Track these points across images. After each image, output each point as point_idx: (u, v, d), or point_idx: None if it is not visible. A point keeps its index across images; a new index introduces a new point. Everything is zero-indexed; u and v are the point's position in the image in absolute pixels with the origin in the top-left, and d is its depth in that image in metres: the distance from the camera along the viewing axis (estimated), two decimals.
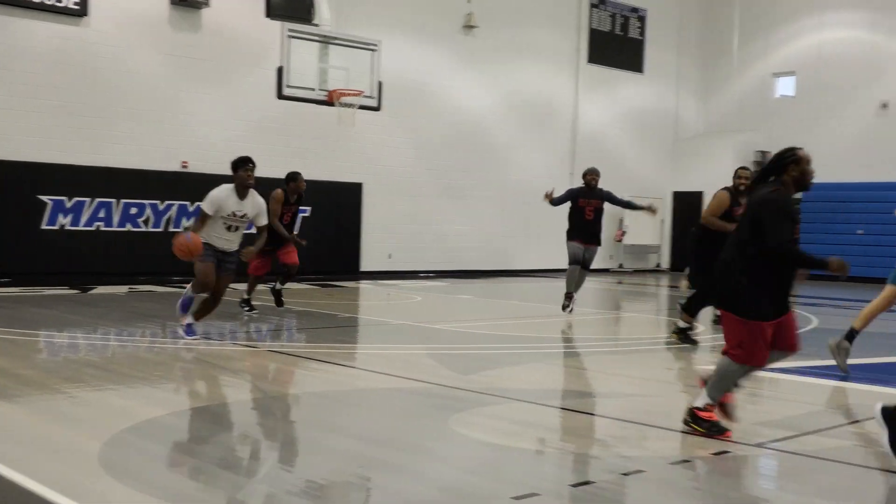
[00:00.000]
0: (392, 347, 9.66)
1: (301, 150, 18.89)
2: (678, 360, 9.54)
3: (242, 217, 9.20)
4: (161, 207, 17.47)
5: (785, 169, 5.71)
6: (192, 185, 17.63)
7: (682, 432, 5.67)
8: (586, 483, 4.60)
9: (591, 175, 13.10)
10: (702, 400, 5.65)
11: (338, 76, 15.74)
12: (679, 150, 27.84)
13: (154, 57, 17.44)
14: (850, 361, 8.66)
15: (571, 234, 13.08)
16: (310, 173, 19.09)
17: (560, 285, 14.06)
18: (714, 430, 5.56)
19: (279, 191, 11.83)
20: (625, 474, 4.78)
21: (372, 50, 15.97)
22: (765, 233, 5.40)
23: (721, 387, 5.62)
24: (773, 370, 8.66)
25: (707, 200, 27.04)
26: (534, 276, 22.64)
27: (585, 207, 12.92)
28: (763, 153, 26.69)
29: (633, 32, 26.59)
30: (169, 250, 9.06)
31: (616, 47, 26.11)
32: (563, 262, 24.35)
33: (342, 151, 19.68)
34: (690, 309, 10.12)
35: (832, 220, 24.67)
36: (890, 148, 23.98)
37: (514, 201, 23.38)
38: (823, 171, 26.55)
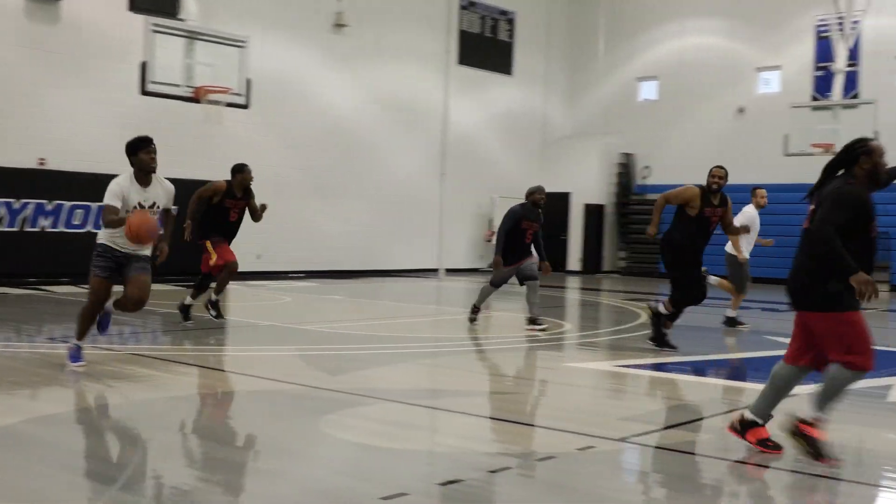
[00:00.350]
0: (260, 349, 9.50)
1: (167, 148, 18.19)
2: (545, 358, 9.69)
3: (152, 206, 7.73)
4: (16, 206, 16.74)
5: (856, 161, 5.17)
6: (50, 182, 16.96)
7: (559, 430, 5.76)
8: (455, 482, 4.62)
9: (539, 194, 11.64)
10: (812, 414, 5.22)
11: (204, 72, 15.36)
12: (547, 151, 28.35)
13: (9, 50, 16.72)
14: (708, 358, 8.98)
15: (505, 259, 11.52)
16: (177, 172, 18.63)
17: (428, 285, 14.12)
18: (816, 451, 5.13)
19: (221, 181, 10.89)
20: (492, 471, 4.82)
21: (240, 46, 15.66)
22: (821, 217, 5.02)
23: (831, 400, 5.18)
24: (639, 367, 8.92)
25: (576, 201, 27.75)
26: (405, 277, 22.68)
27: (527, 230, 11.51)
28: (627, 155, 27.45)
29: (503, 35, 26.94)
30: (22, 250, 8.60)
31: (485, 49, 26.40)
32: (432, 261, 24.70)
33: (210, 150, 19.26)
34: (670, 311, 9.64)
35: None
36: (746, 151, 24.98)
37: (386, 201, 23.38)
38: (684, 174, 27.47)
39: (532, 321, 11.30)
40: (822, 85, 23.83)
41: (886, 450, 5.99)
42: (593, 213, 27.47)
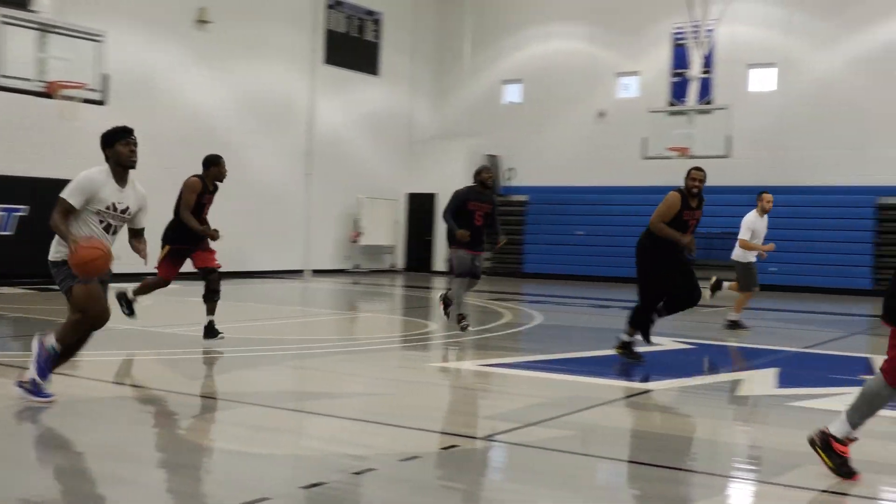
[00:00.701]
0: (118, 353, 9.20)
1: (19, 145, 17.65)
2: (411, 359, 9.72)
3: (125, 212, 6.54)
4: None
5: None
6: None
7: (424, 430, 5.77)
8: (318, 485, 4.58)
9: (487, 173, 11.22)
10: (841, 428, 5.00)
11: (59, 67, 14.82)
12: (413, 152, 28.45)
13: None
14: (568, 356, 9.17)
15: (458, 240, 11.06)
16: (29, 170, 17.92)
17: (294, 286, 13.96)
18: (843, 470, 4.95)
19: (194, 178, 10.02)
20: (356, 473, 4.80)
21: (96, 41, 15.17)
22: None
23: (866, 413, 5.00)
24: (504, 366, 9.04)
25: (442, 202, 27.91)
26: (270, 278, 22.38)
27: (475, 211, 11.01)
28: (492, 157, 27.81)
29: (369, 35, 26.90)
30: None
31: (352, 49, 26.31)
32: (298, 263, 24.47)
33: (65, 147, 18.52)
34: (635, 321, 9.35)
35: (555, 221, 26.08)
36: (607, 154, 25.67)
37: (251, 201, 22.99)
38: (549, 175, 27.97)
39: (447, 304, 11.48)
40: (679, 90, 24.71)
41: (738, 441, 6.24)
42: None
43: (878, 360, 9.38)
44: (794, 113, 23.87)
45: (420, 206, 27.85)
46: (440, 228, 27.62)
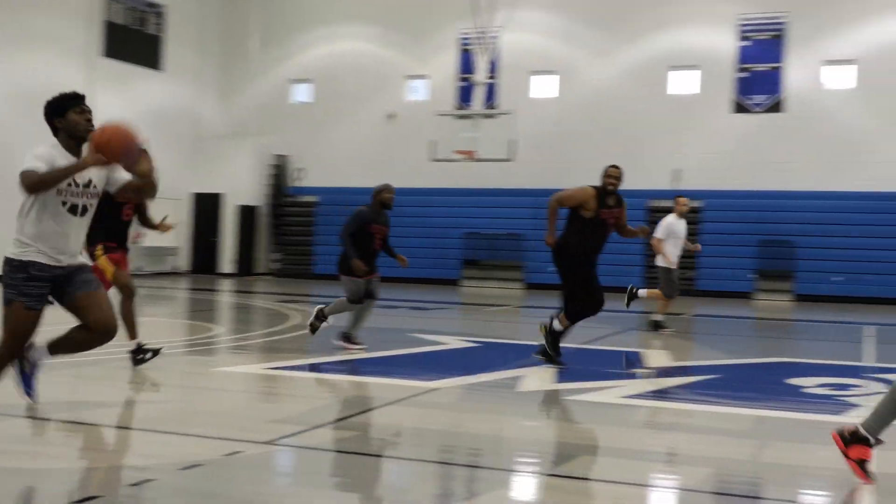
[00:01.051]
0: None
1: None
2: (195, 363, 9.45)
3: (88, 186, 5.60)
4: None
5: None
6: None
7: (206, 437, 5.59)
8: (91, 499, 4.36)
9: (388, 192, 10.18)
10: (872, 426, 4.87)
11: None
12: (199, 150, 27.69)
13: None
14: (355, 357, 9.17)
15: (352, 268, 9.81)
16: None
17: None
18: (860, 470, 4.85)
19: None
20: (134, 485, 4.60)
21: None
22: None
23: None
24: (290, 368, 8.93)
25: (229, 202, 27.33)
26: None
27: (376, 235, 10.04)
28: (281, 156, 27.50)
29: (151, 28, 25.97)
30: None
31: (133, 42, 25.31)
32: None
33: None
34: (570, 313, 9.08)
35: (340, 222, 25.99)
36: (396, 155, 25.91)
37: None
38: (339, 176, 27.89)
39: (348, 338, 10.03)
40: (466, 95, 25.30)
41: (522, 436, 6.42)
42: (247, 215, 27.22)
43: (649, 355, 9.93)
44: (572, 119, 24.95)
45: (206, 206, 27.15)
46: (228, 229, 27.02)
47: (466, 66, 25.45)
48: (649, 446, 5.97)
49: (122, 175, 5.74)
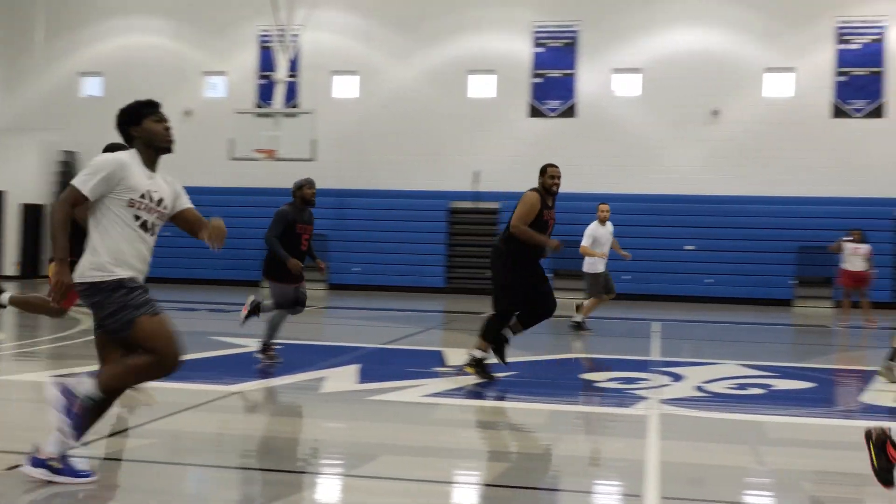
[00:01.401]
0: None
1: None
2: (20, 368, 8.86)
3: (160, 204, 5.00)
4: None
5: None
6: None
7: (1, 451, 5.22)
8: None
9: (310, 188, 9.38)
10: None
11: None
12: None
13: None
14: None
15: (281, 273, 9.19)
16: None
17: None
18: (884, 476, 4.65)
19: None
20: None
21: None
22: None
23: None
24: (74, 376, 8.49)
25: (11, 200, 25.78)
26: None
27: (302, 235, 9.32)
28: (70, 153, 26.21)
29: None
30: None
31: None
32: None
33: None
34: (488, 334, 8.59)
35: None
36: (194, 154, 25.11)
37: None
38: (199, 177, 26.86)
39: (267, 348, 9.43)
40: (266, 93, 24.92)
41: (323, 438, 6.37)
42: (31, 214, 25.77)
43: (451, 353, 10.09)
44: (374, 120, 25.04)
45: None
46: (10, 229, 25.51)
47: (267, 63, 25.07)
48: (450, 443, 6.07)
49: (183, 200, 5.25)
